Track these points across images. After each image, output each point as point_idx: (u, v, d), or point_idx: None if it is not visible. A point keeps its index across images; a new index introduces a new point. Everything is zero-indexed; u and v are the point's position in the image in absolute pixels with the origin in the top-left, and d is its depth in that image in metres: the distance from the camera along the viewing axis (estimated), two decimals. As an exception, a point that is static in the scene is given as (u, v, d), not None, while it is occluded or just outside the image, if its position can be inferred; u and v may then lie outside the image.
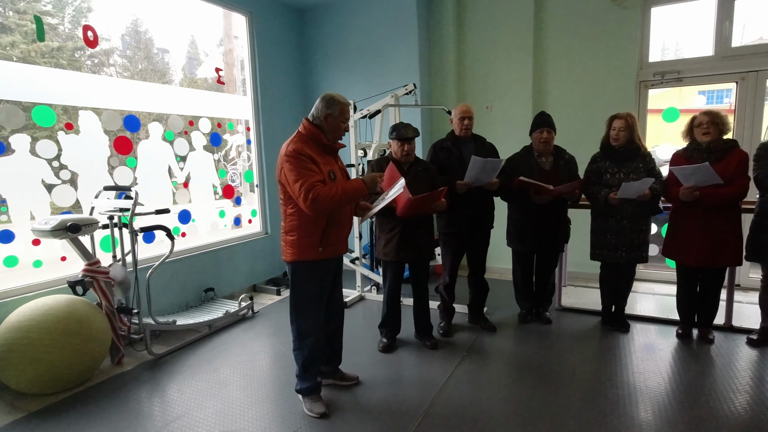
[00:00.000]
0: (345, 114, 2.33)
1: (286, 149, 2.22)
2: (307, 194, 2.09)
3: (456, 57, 4.88)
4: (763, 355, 2.96)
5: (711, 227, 2.95)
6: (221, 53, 4.74)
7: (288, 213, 2.31)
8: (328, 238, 2.31)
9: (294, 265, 2.34)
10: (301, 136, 2.29)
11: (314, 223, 2.27)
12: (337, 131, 2.34)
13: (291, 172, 2.15)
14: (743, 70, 3.96)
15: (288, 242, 2.32)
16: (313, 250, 2.29)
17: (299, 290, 2.38)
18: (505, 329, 3.50)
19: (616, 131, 3.18)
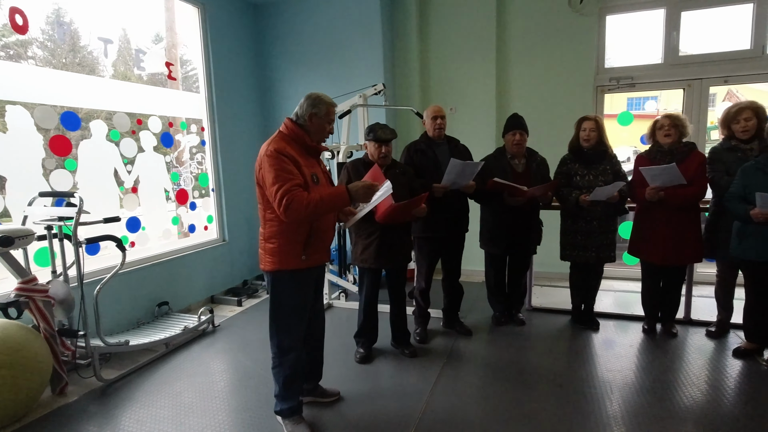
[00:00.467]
0: (331, 115, 2.20)
1: (266, 148, 2.05)
2: (282, 199, 1.94)
3: (420, 58, 4.83)
4: (722, 346, 3.13)
5: (674, 226, 3.07)
6: (164, 47, 4.36)
7: (267, 218, 2.13)
8: (311, 245, 2.15)
9: (274, 275, 2.16)
10: (283, 135, 2.13)
11: (296, 229, 2.10)
12: (321, 132, 2.20)
13: (269, 173, 1.99)
14: (689, 77, 4.21)
15: (267, 250, 2.13)
16: (295, 259, 2.12)
17: (280, 302, 2.20)
18: (481, 332, 3.47)
19: (587, 132, 3.24)
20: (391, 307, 3.14)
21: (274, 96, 5.09)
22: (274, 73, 5.05)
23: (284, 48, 4.97)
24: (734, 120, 2.95)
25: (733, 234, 2.85)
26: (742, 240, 2.78)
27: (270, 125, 5.14)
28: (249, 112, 4.97)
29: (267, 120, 5.15)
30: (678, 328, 3.36)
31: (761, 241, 2.67)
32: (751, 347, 2.93)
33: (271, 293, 2.21)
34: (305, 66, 4.92)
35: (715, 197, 3.08)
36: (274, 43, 5.01)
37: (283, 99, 5.05)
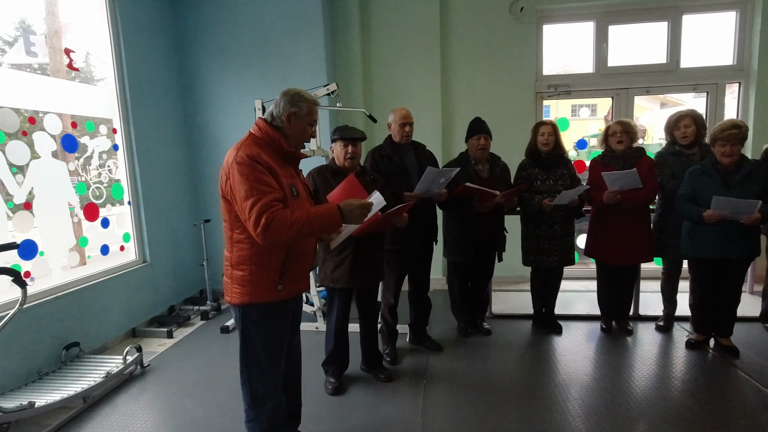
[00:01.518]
0: (313, 114, 1.84)
1: (234, 154, 1.68)
2: (259, 217, 1.58)
3: (362, 60, 4.59)
4: (673, 339, 3.32)
5: (629, 228, 3.19)
6: (44, 34, 3.57)
7: (235, 239, 1.75)
8: (289, 272, 1.79)
9: (244, 310, 1.78)
10: (255, 139, 1.77)
11: (271, 253, 1.74)
12: (302, 135, 1.85)
13: (241, 185, 1.63)
14: (617, 87, 4.50)
15: (236, 279, 1.75)
16: (270, 289, 1.76)
17: (252, 342, 1.81)
18: (450, 346, 3.31)
19: (545, 136, 3.26)
20: (361, 328, 2.85)
21: (198, 94, 4.50)
22: (199, 69, 4.47)
23: (210, 41, 4.41)
24: (675, 127, 3.16)
25: (684, 234, 3.02)
26: (693, 239, 2.95)
27: (194, 126, 4.54)
28: (170, 112, 4.33)
29: (190, 121, 4.54)
30: (631, 324, 3.52)
31: (711, 240, 2.86)
32: (701, 338, 3.14)
33: (241, 332, 1.81)
34: (236, 62, 4.41)
35: (661, 199, 3.25)
36: (198, 35, 4.42)
37: (210, 97, 4.49)
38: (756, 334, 3.29)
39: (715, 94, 4.38)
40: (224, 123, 4.51)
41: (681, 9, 4.32)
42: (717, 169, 2.83)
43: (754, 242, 2.86)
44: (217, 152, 4.55)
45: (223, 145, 4.54)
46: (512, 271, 4.39)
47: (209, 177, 4.60)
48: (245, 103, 4.37)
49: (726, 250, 2.84)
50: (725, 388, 2.66)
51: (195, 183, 4.63)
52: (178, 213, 4.37)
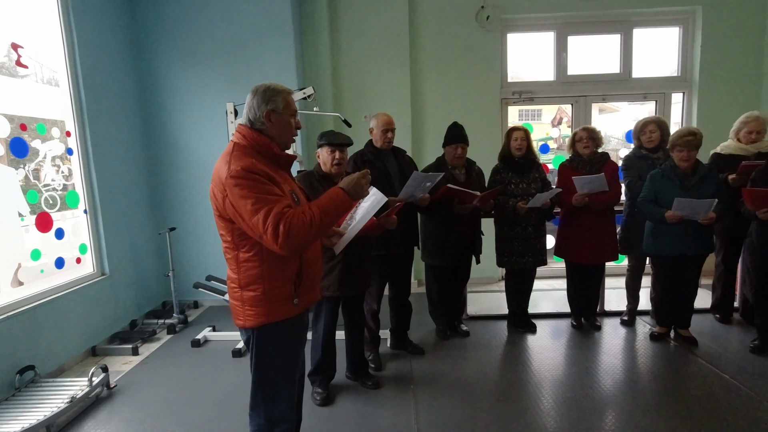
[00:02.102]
0: (292, 105, 1.70)
1: (227, 170, 1.53)
2: (277, 227, 1.46)
3: (332, 64, 4.54)
4: (637, 332, 3.53)
5: (596, 228, 3.37)
6: None
7: (242, 259, 1.62)
8: (303, 283, 1.70)
9: (260, 331, 1.66)
10: (242, 147, 1.61)
11: (285, 265, 1.63)
12: (288, 131, 1.70)
13: (245, 200, 1.49)
14: (576, 94, 4.74)
15: (248, 300, 1.63)
16: (286, 304, 1.65)
17: (267, 365, 1.69)
18: (431, 349, 3.33)
19: (518, 141, 3.36)
20: (347, 336, 2.82)
21: (160, 95, 4.27)
22: (161, 70, 4.23)
23: (173, 41, 4.20)
24: (642, 132, 3.38)
25: (647, 233, 3.22)
26: (655, 238, 3.16)
27: (156, 129, 4.30)
28: (129, 114, 4.08)
29: (151, 123, 4.30)
30: (599, 320, 3.70)
31: (672, 239, 3.07)
32: (663, 331, 3.36)
33: (256, 354, 1.68)
34: (201, 63, 4.22)
35: (629, 200, 3.45)
36: (159, 34, 4.19)
37: (173, 99, 4.27)
38: (709, 324, 3.56)
39: (663, 102, 4.72)
40: (189, 126, 4.30)
41: (632, 23, 4.62)
42: (676, 172, 3.05)
43: (709, 240, 3.11)
44: (181, 156, 4.33)
45: (188, 149, 4.34)
46: (483, 272, 4.51)
47: (173, 183, 4.37)
48: (212, 106, 4.20)
49: (685, 248, 3.06)
50: (687, 375, 2.87)
51: (157, 189, 4.38)
52: (139, 221, 4.12)
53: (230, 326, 3.77)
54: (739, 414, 2.43)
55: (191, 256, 4.41)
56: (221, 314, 4.18)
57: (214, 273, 4.05)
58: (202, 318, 4.16)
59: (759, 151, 3.23)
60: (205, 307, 4.45)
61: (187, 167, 4.35)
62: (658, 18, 4.63)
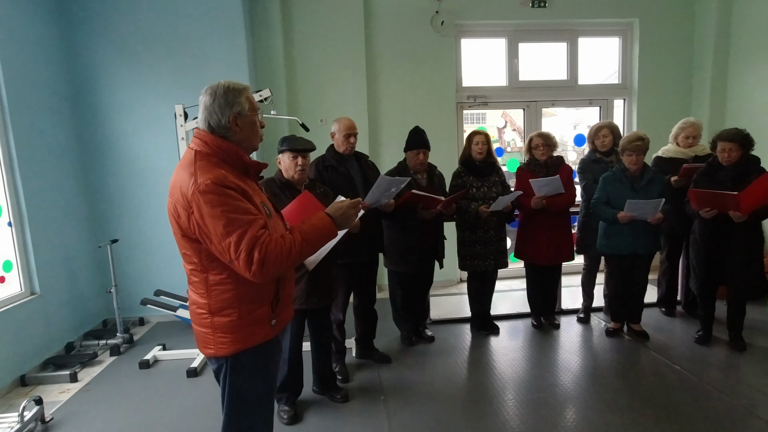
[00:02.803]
0: (254, 102, 1.54)
1: (193, 183, 1.35)
2: (251, 254, 1.32)
3: (286, 66, 4.38)
4: (593, 328, 3.67)
5: (554, 230, 3.46)
6: None
7: (213, 282, 1.45)
8: (281, 302, 1.57)
9: (234, 360, 1.50)
10: (206, 156, 1.43)
11: (262, 286, 1.48)
12: (255, 133, 1.54)
13: (216, 220, 1.33)
14: (527, 99, 4.89)
15: (221, 327, 1.46)
16: (264, 327, 1.51)
17: (244, 395, 1.54)
18: (397, 356, 3.28)
19: (479, 145, 3.40)
20: (314, 349, 2.69)
21: (96, 97, 3.92)
22: (97, 69, 3.89)
23: (111, 38, 3.87)
24: (595, 136, 3.52)
25: (600, 234, 3.36)
26: (608, 238, 3.30)
27: (91, 133, 3.95)
28: (60, 117, 3.71)
29: (85, 127, 3.94)
30: (557, 318, 3.81)
31: (624, 238, 3.22)
32: (617, 326, 3.51)
33: (230, 384, 1.52)
34: (143, 61, 3.92)
35: (585, 201, 3.58)
36: (96, 27, 3.85)
37: (111, 101, 3.94)
38: (656, 317, 3.77)
39: (606, 108, 4.98)
40: (131, 129, 3.99)
41: (577, 32, 4.84)
42: (626, 175, 3.20)
43: (657, 238, 3.30)
44: (122, 162, 4.01)
45: (130, 154, 4.02)
46: (442, 275, 4.51)
47: (114, 191, 4.03)
48: (156, 107, 3.93)
49: (636, 246, 3.22)
50: (641, 367, 3.02)
51: (96, 198, 4.02)
52: (74, 234, 3.75)
53: (183, 343, 3.55)
54: (691, 402, 2.57)
55: (136, 269, 4.07)
56: (172, 330, 3.90)
57: (163, 287, 3.77)
58: (149, 336, 3.85)
59: (696, 155, 3.47)
60: (152, 324, 4.13)
61: (129, 174, 4.03)
62: (601, 28, 4.88)
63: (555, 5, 4.65)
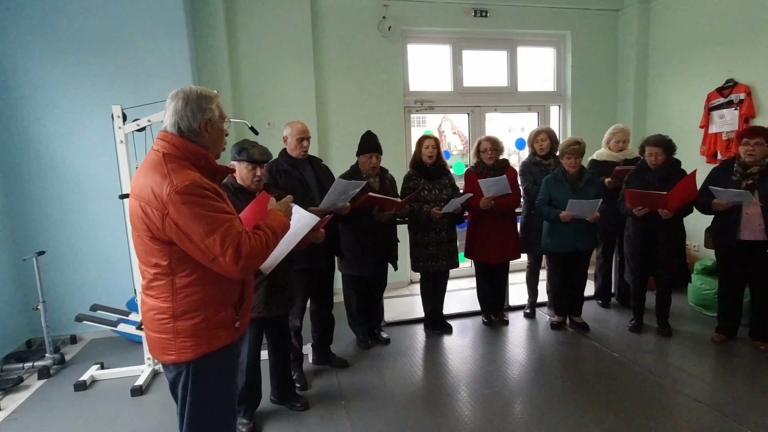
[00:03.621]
0: (222, 110, 1.56)
1: (168, 184, 1.34)
2: (237, 250, 1.36)
3: (230, 67, 4.22)
4: (539, 323, 3.86)
5: (501, 230, 3.62)
6: None
7: (180, 285, 1.42)
8: (244, 304, 1.58)
9: (198, 364, 1.46)
10: (176, 159, 1.42)
11: (229, 288, 1.50)
12: (221, 141, 1.57)
13: (197, 219, 1.33)
14: (472, 105, 5.07)
15: (184, 331, 1.43)
16: (228, 330, 1.51)
17: (208, 401, 1.51)
18: (354, 360, 3.27)
19: (429, 149, 3.48)
20: (273, 358, 2.62)
21: (15, 96, 3.58)
22: (18, 66, 3.55)
23: (36, 33, 3.54)
24: (534, 140, 3.73)
25: (544, 233, 3.55)
26: (552, 237, 3.50)
27: (11, 133, 3.61)
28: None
29: (5, 126, 3.58)
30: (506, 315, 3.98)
31: (566, 236, 3.43)
32: (560, 319, 3.73)
33: (192, 391, 1.47)
34: (73, 58, 3.63)
35: (526, 203, 3.77)
36: (17, 20, 3.51)
37: (34, 101, 3.61)
38: (594, 309, 4.05)
39: (543, 114, 5.28)
40: (58, 130, 3.68)
41: (515, 41, 5.10)
42: (566, 177, 3.42)
43: (595, 236, 3.55)
44: (49, 166, 3.69)
45: (57, 157, 3.70)
46: (393, 277, 4.56)
47: (39, 198, 3.70)
48: (87, 107, 3.68)
49: (576, 244, 3.44)
50: (583, 356, 3.24)
51: (17, 206, 3.66)
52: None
53: (123, 360, 3.33)
54: (628, 384, 2.81)
55: (67, 283, 3.75)
56: (109, 348, 3.64)
57: (100, 301, 3.49)
58: (84, 355, 3.56)
59: (626, 158, 3.77)
60: (86, 342, 3.81)
61: (57, 179, 3.71)
62: (537, 39, 5.17)
63: (495, 15, 4.87)
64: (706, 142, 4.41)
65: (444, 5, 4.74)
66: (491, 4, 4.83)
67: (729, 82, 4.16)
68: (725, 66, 4.21)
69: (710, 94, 4.33)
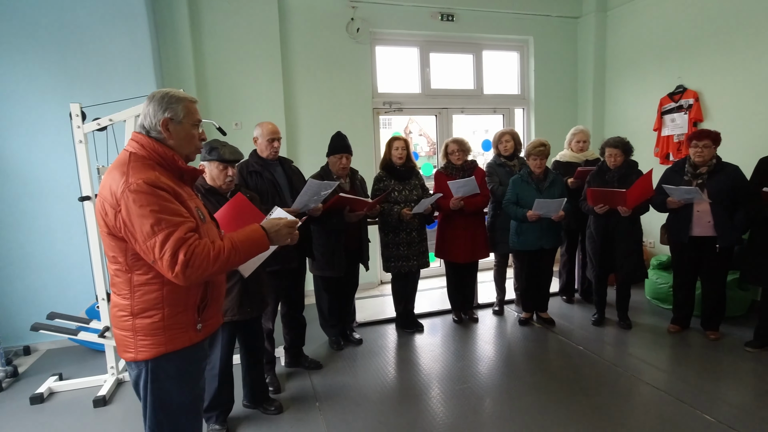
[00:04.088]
0: (195, 114, 1.54)
1: (124, 182, 1.35)
2: (175, 255, 1.32)
3: (195, 66, 4.12)
4: (507, 319, 3.97)
5: (470, 229, 3.69)
6: None
7: (137, 282, 1.42)
8: (208, 307, 1.55)
9: (156, 364, 1.45)
10: (141, 158, 1.43)
11: (189, 289, 1.47)
12: (189, 142, 1.54)
13: (143, 219, 1.32)
14: (439, 107, 5.15)
15: (142, 329, 1.42)
16: (189, 331, 1.49)
17: (167, 403, 1.49)
18: (327, 362, 3.26)
19: (399, 150, 3.52)
20: (245, 362, 2.57)
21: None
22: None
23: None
24: (499, 142, 3.83)
25: (512, 232, 3.66)
26: (519, 236, 3.60)
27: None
28: None
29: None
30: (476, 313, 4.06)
31: (532, 235, 3.54)
32: (528, 315, 3.84)
33: (152, 392, 1.46)
34: (23, 53, 3.44)
35: (493, 203, 3.86)
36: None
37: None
38: (559, 305, 4.20)
39: (508, 116, 5.43)
40: (7, 128, 3.47)
41: (481, 45, 5.22)
42: (532, 177, 3.53)
43: (560, 234, 3.68)
44: (-2, 168, 3.48)
45: (7, 156, 3.50)
46: (364, 278, 4.57)
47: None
48: (41, 105, 3.50)
49: (542, 242, 3.56)
50: (550, 350, 3.36)
51: (-39, 210, 3.43)
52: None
53: (84, 370, 3.19)
54: (592, 375, 2.93)
55: (20, 291, 3.55)
56: (68, 358, 3.47)
57: (57, 309, 3.32)
58: (39, 366, 3.37)
59: (586, 159, 3.94)
60: (41, 353, 3.62)
61: (7, 180, 3.51)
62: (502, 43, 5.32)
63: (462, 20, 4.98)
64: (659, 144, 4.66)
65: (412, 8, 4.80)
66: (458, 8, 4.93)
67: (679, 88, 4.42)
68: (676, 73, 4.47)
69: (662, 98, 4.58)
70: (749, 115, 3.88)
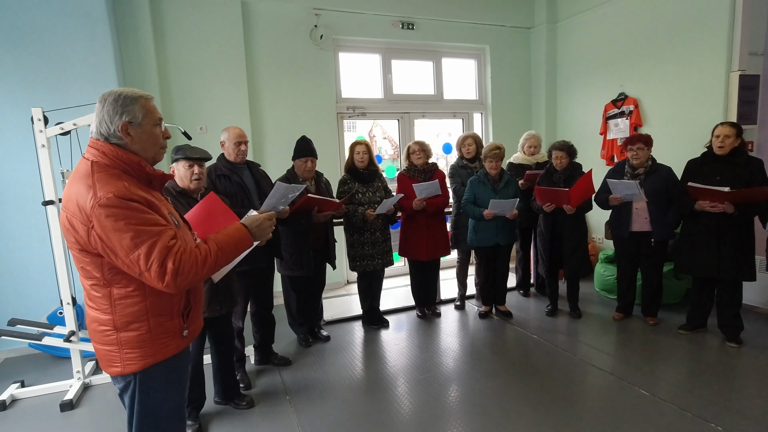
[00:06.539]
0: (154, 113, 1.46)
1: (91, 197, 1.29)
2: (163, 264, 1.30)
3: (158, 70, 4.12)
4: (468, 314, 4.18)
5: (432, 229, 3.88)
6: None
7: (118, 296, 1.39)
8: (191, 312, 1.56)
9: (144, 375, 1.45)
10: (105, 167, 1.36)
11: (170, 297, 1.46)
12: (154, 145, 1.47)
13: (121, 233, 1.29)
14: (401, 111, 5.34)
15: (128, 342, 1.41)
16: (176, 339, 1.49)
17: (156, 412, 1.50)
18: (296, 358, 3.36)
19: (360, 155, 3.67)
20: (216, 359, 2.64)
21: None
22: None
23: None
24: (462, 145, 4.05)
25: (470, 230, 3.87)
26: (476, 233, 3.82)
27: None
28: None
29: None
30: (439, 308, 4.26)
31: (488, 233, 3.77)
32: (487, 309, 4.07)
33: (140, 402, 1.46)
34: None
35: (456, 202, 4.07)
36: None
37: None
38: (516, 298, 4.46)
39: (468, 120, 5.69)
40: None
41: (440, 53, 5.46)
42: (488, 178, 3.76)
43: (514, 231, 3.92)
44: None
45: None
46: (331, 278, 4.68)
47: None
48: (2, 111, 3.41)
49: (498, 239, 3.79)
50: (508, 340, 3.58)
51: None
52: None
53: (47, 376, 3.17)
54: (547, 361, 3.17)
55: (-24, 298, 3.46)
56: (29, 365, 3.41)
57: (19, 315, 3.26)
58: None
59: (537, 162, 4.22)
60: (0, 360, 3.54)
61: (-38, 187, 3.42)
62: (460, 51, 5.57)
63: (421, 28, 5.19)
64: (605, 147, 5.03)
65: (373, 17, 4.97)
66: (418, 17, 5.15)
67: (621, 95, 4.79)
68: (618, 81, 4.84)
69: (607, 105, 4.95)
70: (681, 120, 4.27)
